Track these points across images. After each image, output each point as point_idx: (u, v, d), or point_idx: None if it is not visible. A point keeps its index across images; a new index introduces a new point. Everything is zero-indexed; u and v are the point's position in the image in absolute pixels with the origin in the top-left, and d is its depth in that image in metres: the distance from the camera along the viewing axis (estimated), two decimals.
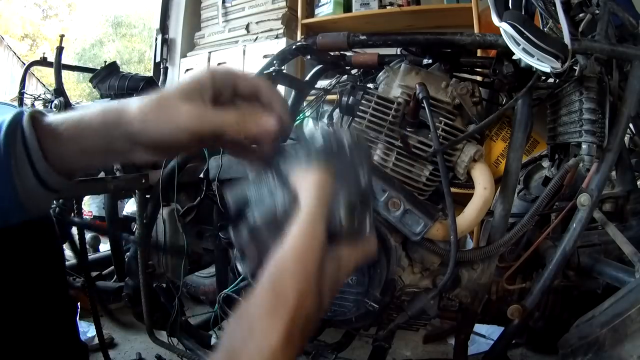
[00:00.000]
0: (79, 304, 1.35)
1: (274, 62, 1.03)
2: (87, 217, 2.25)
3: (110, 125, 0.47)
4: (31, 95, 2.00)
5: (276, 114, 0.47)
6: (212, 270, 1.61)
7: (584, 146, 0.80)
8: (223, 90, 0.48)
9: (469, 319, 0.93)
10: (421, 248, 0.85)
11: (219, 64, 2.64)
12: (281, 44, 2.43)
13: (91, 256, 1.77)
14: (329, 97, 1.24)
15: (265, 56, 2.44)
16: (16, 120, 0.48)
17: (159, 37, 2.88)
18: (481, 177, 0.83)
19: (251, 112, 0.46)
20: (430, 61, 0.94)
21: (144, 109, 0.46)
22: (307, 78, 1.14)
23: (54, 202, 1.06)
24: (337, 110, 0.94)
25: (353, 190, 0.43)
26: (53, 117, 0.48)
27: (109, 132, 0.47)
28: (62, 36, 1.73)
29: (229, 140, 0.48)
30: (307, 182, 0.41)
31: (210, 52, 2.71)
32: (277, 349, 0.34)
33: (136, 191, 1.21)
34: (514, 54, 0.74)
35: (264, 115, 0.45)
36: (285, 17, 2.50)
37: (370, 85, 1.02)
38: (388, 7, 2.38)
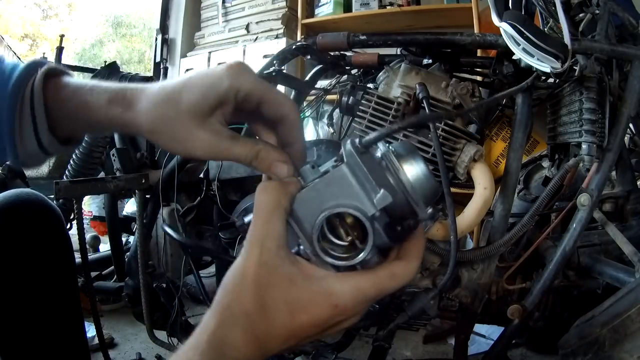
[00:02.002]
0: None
1: (274, 62, 1.03)
2: (87, 217, 2.25)
3: (116, 119, 0.44)
4: None
5: (292, 156, 0.43)
6: (212, 270, 1.61)
7: (584, 146, 0.80)
8: (245, 106, 0.43)
9: (469, 319, 0.93)
10: None
11: (219, 64, 2.64)
12: (281, 44, 2.43)
13: (91, 256, 1.77)
14: (329, 97, 1.24)
15: (265, 56, 2.44)
16: (27, 77, 0.46)
17: (159, 37, 2.88)
18: (481, 177, 0.83)
19: (266, 154, 0.42)
20: (430, 61, 0.94)
21: (153, 119, 0.42)
22: (307, 78, 1.14)
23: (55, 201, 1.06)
24: (337, 110, 0.94)
25: (338, 206, 0.37)
26: (63, 88, 0.46)
27: (115, 124, 0.45)
28: (62, 36, 1.73)
29: None
30: (255, 199, 0.40)
31: (210, 52, 2.72)
32: (211, 329, 0.37)
33: (136, 191, 1.21)
34: (514, 54, 0.74)
35: (279, 161, 0.42)
36: (285, 17, 2.51)
37: (370, 85, 1.02)
38: (388, 7, 2.38)
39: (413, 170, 0.39)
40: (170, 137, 0.42)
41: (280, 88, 1.24)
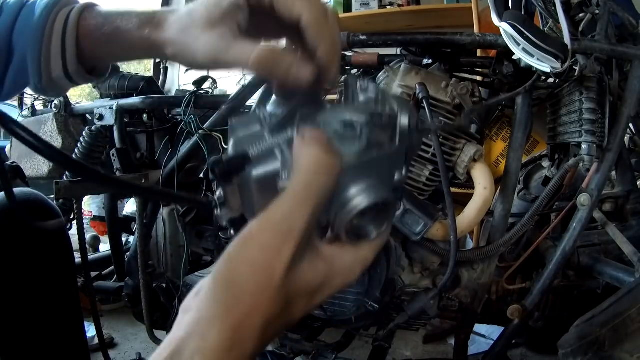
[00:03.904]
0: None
1: None
2: (87, 217, 2.25)
3: (146, 42, 0.45)
4: (31, 95, 2.00)
5: (318, 61, 0.38)
6: (212, 270, 1.61)
7: (584, 146, 0.80)
8: (259, 12, 0.40)
9: (469, 319, 0.93)
10: (421, 248, 0.85)
11: None
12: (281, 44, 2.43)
13: (91, 256, 1.77)
14: (329, 97, 1.24)
15: None
16: (59, 2, 0.47)
17: None
18: (481, 177, 0.83)
19: (278, 57, 0.37)
20: (430, 61, 0.93)
21: (175, 39, 0.43)
22: None
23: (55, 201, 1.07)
24: None
25: (375, 189, 0.33)
26: (95, 18, 0.47)
27: (145, 47, 0.45)
28: None
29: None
30: (304, 159, 0.31)
31: None
32: (218, 350, 0.28)
33: None
34: (514, 54, 0.74)
35: (298, 63, 0.37)
36: None
37: None
38: (388, 7, 2.38)
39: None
40: (181, 44, 0.42)
41: None
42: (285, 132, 0.34)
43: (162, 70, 2.81)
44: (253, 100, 1.07)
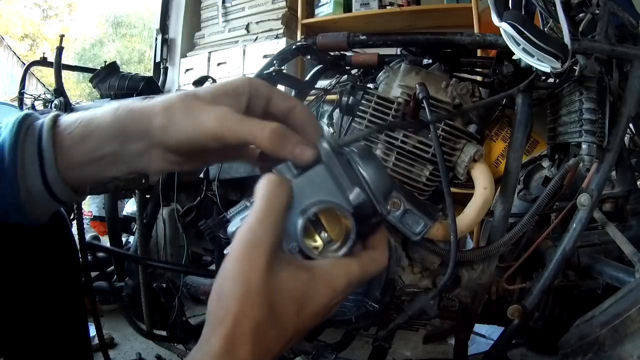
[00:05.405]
0: None
1: (274, 62, 1.03)
2: (87, 217, 2.25)
3: (124, 121, 0.44)
4: (31, 95, 2.00)
5: (309, 142, 0.43)
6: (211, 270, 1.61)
7: (584, 146, 0.80)
8: (258, 101, 0.46)
9: (469, 319, 0.93)
10: (421, 248, 0.85)
11: (218, 64, 2.64)
12: (281, 44, 2.43)
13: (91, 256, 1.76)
14: (329, 97, 1.24)
15: (265, 56, 2.44)
16: (26, 119, 0.46)
17: (159, 37, 2.88)
18: (481, 177, 0.83)
19: (289, 134, 0.42)
20: (430, 61, 0.94)
21: (170, 106, 0.43)
22: (307, 78, 1.14)
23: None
24: (337, 110, 0.94)
25: (319, 202, 0.39)
26: (67, 119, 0.46)
27: (122, 130, 0.44)
28: (62, 36, 1.73)
29: (253, 154, 0.48)
30: (260, 185, 0.38)
31: (210, 52, 2.72)
32: (216, 355, 0.33)
33: (136, 191, 1.21)
34: (514, 54, 0.74)
35: (302, 143, 0.42)
36: (285, 17, 2.51)
37: (370, 85, 1.02)
38: (388, 7, 2.39)
39: (372, 169, 0.42)
40: (184, 117, 0.43)
41: (280, 88, 1.24)
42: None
43: (162, 70, 2.82)
44: None
